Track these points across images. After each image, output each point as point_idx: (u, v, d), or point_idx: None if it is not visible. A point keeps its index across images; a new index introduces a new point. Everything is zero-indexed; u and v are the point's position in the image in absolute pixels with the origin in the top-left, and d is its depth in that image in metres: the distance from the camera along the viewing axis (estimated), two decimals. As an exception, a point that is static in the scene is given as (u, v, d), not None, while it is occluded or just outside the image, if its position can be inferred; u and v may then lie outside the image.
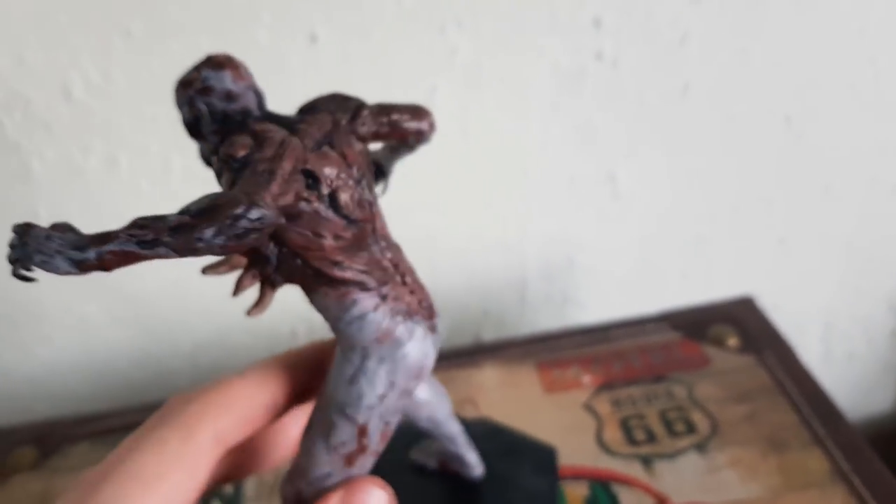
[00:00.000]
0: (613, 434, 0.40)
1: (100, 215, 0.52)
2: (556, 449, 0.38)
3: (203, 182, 0.52)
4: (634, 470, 0.38)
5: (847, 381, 0.72)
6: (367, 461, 0.26)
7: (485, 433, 0.36)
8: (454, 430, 0.32)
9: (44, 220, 0.50)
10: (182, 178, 0.51)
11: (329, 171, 0.23)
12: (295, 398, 0.27)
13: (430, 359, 0.26)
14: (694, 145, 0.56)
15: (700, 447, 0.38)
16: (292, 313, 0.58)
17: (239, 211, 0.20)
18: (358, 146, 0.24)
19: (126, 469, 0.23)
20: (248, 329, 0.58)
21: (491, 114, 0.52)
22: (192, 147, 0.50)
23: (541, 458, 0.36)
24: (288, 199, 0.22)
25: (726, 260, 0.62)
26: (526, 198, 0.56)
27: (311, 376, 0.28)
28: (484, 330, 0.62)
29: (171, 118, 0.48)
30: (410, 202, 0.44)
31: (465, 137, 0.52)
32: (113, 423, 0.46)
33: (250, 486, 0.40)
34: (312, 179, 0.23)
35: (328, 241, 0.24)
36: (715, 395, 0.41)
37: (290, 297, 0.57)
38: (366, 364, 0.26)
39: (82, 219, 0.51)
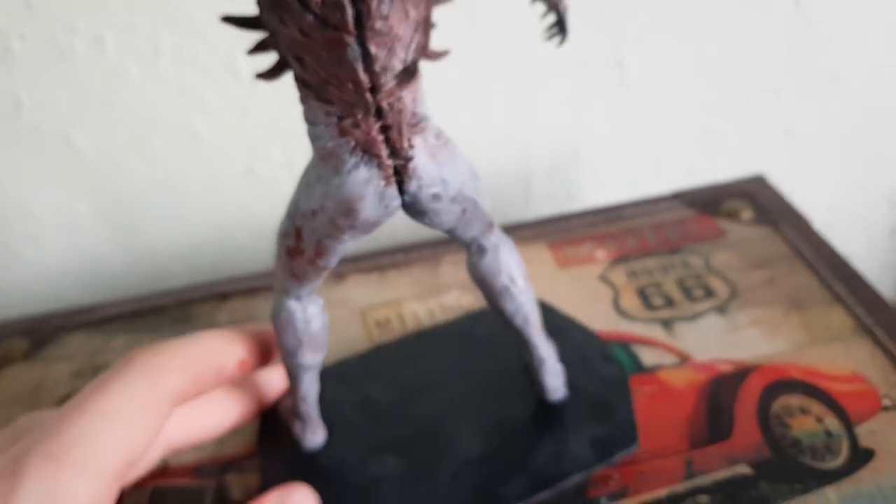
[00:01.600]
0: (631, 301, 0.39)
1: (86, 102, 0.49)
2: (575, 317, 0.38)
3: (192, 64, 0.49)
4: (654, 332, 0.37)
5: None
6: (306, 270, 0.27)
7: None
8: (536, 344, 0.31)
9: (26, 108, 0.48)
10: (171, 59, 0.48)
11: None
12: (250, 367, 0.30)
13: (369, 207, 0.24)
14: (703, 30, 0.54)
15: (720, 309, 0.38)
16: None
17: None
18: None
19: (95, 407, 0.24)
20: (247, 227, 0.56)
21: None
22: (182, 25, 0.48)
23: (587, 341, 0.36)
24: None
25: (732, 152, 0.61)
26: (532, 84, 0.54)
27: (268, 351, 0.31)
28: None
29: (160, -5, 0.46)
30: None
31: (471, 20, 0.50)
32: (108, 312, 0.45)
33: (259, 362, 0.39)
34: None
35: (292, 32, 0.22)
36: (732, 263, 0.41)
37: (287, 192, 0.55)
38: (310, 174, 0.25)
39: (68, 104, 0.48)
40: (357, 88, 0.23)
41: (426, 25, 0.24)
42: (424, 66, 0.24)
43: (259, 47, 0.24)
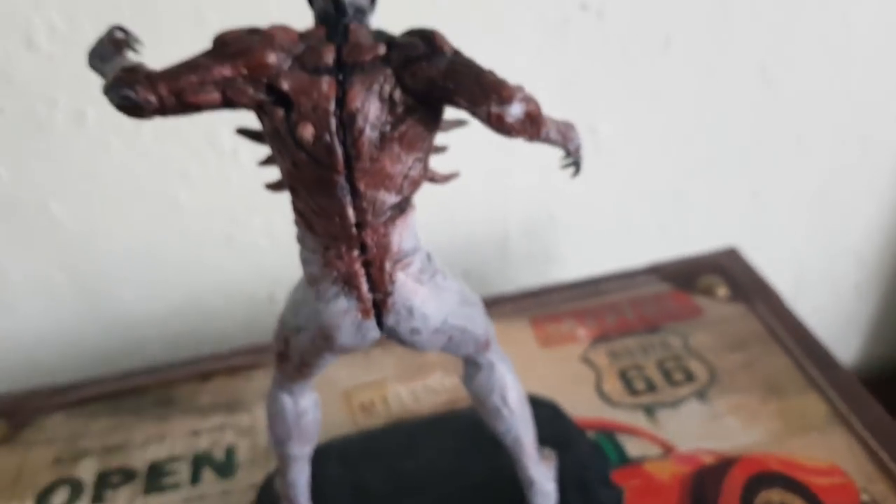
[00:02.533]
0: (613, 385, 0.40)
1: (65, 173, 0.49)
2: (558, 402, 0.38)
3: (174, 137, 0.49)
4: (638, 419, 0.38)
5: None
6: (293, 375, 0.28)
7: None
8: (526, 464, 0.31)
9: (4, 180, 0.47)
10: (154, 134, 0.48)
11: (299, 99, 0.22)
12: None
13: (345, 336, 0.25)
14: (673, 98, 0.55)
15: (700, 395, 0.39)
16: (270, 278, 0.56)
17: (123, 85, 0.22)
18: (387, 92, 0.23)
19: None
20: (225, 293, 0.56)
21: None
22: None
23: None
24: (210, 97, 0.22)
25: (702, 213, 0.62)
26: (508, 151, 0.55)
27: None
28: (465, 289, 0.61)
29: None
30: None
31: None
32: (88, 392, 0.44)
33: (243, 451, 0.39)
34: (277, 97, 0.22)
35: (287, 165, 0.23)
36: (710, 344, 0.42)
37: (267, 261, 0.55)
38: (298, 293, 0.27)
39: (47, 175, 0.48)
40: (343, 223, 0.24)
41: (425, 158, 0.24)
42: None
43: (269, 161, 0.25)
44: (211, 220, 0.53)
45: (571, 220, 0.60)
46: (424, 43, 0.22)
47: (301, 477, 0.32)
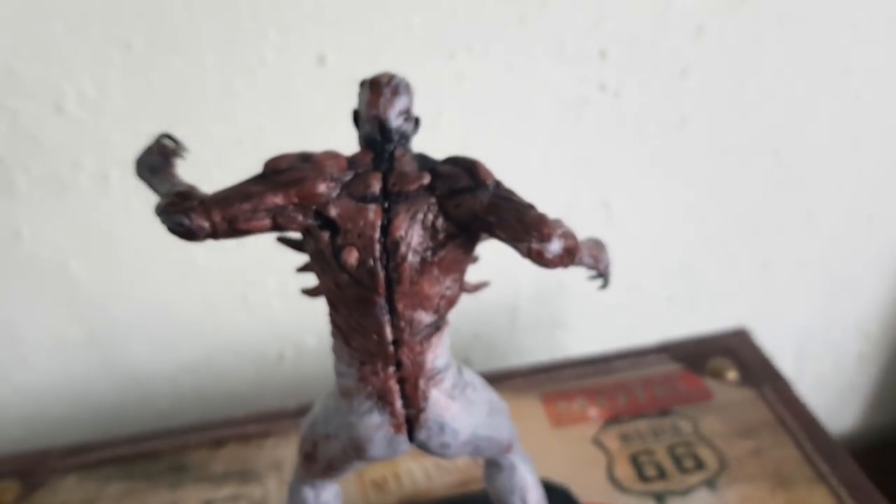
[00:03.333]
0: (624, 470, 0.40)
1: (87, 233, 0.49)
2: (570, 486, 0.39)
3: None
4: (648, 508, 0.38)
5: (814, 402, 0.74)
6: (318, 475, 0.29)
7: None
8: None
9: (25, 239, 0.48)
10: (176, 197, 0.49)
11: (345, 225, 0.23)
12: None
13: (377, 449, 0.26)
14: (687, 175, 0.57)
15: (710, 484, 0.39)
16: (280, 336, 0.56)
17: (177, 211, 0.23)
18: (430, 221, 0.23)
19: None
20: (235, 351, 0.57)
21: (493, 140, 0.52)
22: (186, 165, 0.49)
23: None
24: (261, 223, 0.23)
25: (711, 285, 0.63)
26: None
27: None
28: (473, 353, 0.62)
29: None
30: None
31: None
32: (103, 455, 0.44)
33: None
34: (324, 221, 0.23)
35: (328, 283, 0.24)
36: (720, 431, 0.42)
37: (278, 318, 0.56)
38: (329, 401, 0.27)
39: (69, 238, 0.49)
40: (380, 340, 0.24)
41: (461, 279, 0.25)
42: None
43: (307, 269, 0.26)
44: (226, 281, 0.54)
45: (580, 288, 0.61)
46: (468, 174, 0.23)
47: None
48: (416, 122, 0.25)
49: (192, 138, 0.47)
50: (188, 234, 0.23)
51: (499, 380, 0.47)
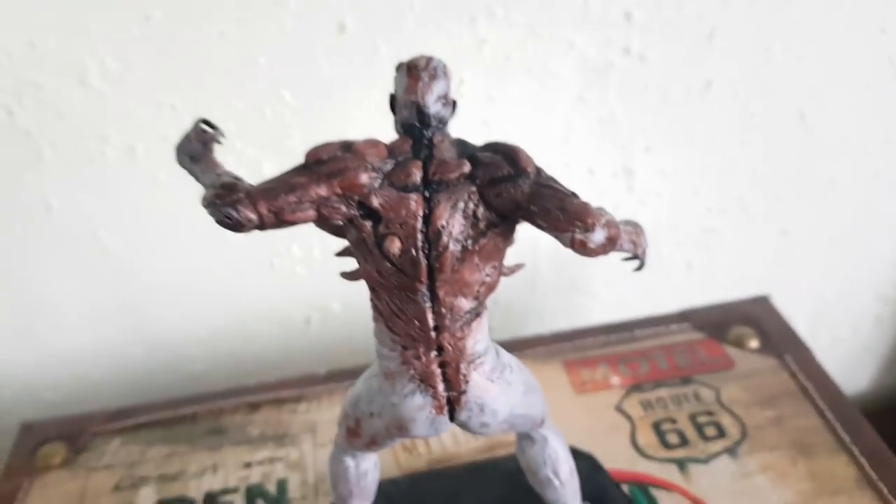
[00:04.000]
0: (647, 437, 0.41)
1: (116, 205, 0.50)
2: (595, 452, 0.40)
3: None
4: (671, 474, 0.39)
5: (829, 365, 0.75)
6: (361, 448, 0.30)
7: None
8: (553, 502, 0.32)
9: (55, 211, 0.48)
10: (201, 168, 0.50)
11: (388, 215, 0.23)
12: None
13: (420, 428, 0.27)
14: (711, 140, 0.56)
15: (731, 452, 0.40)
16: (307, 302, 0.57)
17: (225, 204, 0.23)
18: (471, 210, 0.24)
19: None
20: (263, 317, 0.58)
21: (515, 106, 0.51)
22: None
23: None
24: (306, 214, 0.23)
25: (730, 250, 0.63)
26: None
27: None
28: (492, 318, 0.62)
29: (191, 106, 0.47)
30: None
31: (487, 128, 0.52)
32: (143, 419, 0.46)
33: (294, 486, 0.41)
34: (367, 211, 0.23)
35: (370, 270, 0.24)
36: (741, 399, 0.43)
37: (305, 285, 0.56)
38: (372, 381, 0.28)
39: (97, 209, 0.49)
40: (422, 326, 0.25)
41: (500, 265, 0.25)
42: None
43: (346, 253, 0.26)
44: (252, 249, 0.54)
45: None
46: (508, 162, 0.23)
47: None
48: (454, 105, 0.25)
49: (214, 110, 0.48)
50: (236, 225, 0.23)
51: (521, 347, 0.48)
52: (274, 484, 0.41)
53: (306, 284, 0.56)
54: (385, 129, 0.50)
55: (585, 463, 0.38)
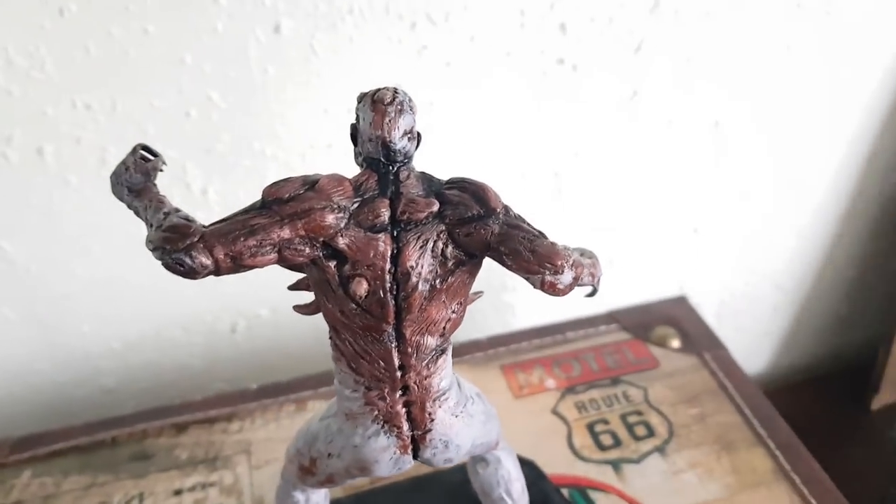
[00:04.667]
0: (583, 440, 0.43)
1: (19, 210, 0.47)
2: (535, 461, 0.41)
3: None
4: (607, 475, 0.41)
5: (732, 348, 0.80)
6: (314, 485, 0.29)
7: None
8: None
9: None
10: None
11: (355, 256, 0.23)
12: None
13: (382, 468, 0.26)
14: (634, 146, 0.58)
15: (661, 450, 0.42)
16: (232, 309, 0.56)
17: (177, 250, 0.21)
18: (440, 249, 0.24)
19: None
20: (184, 325, 0.55)
21: (453, 111, 0.51)
22: (131, 138, 0.47)
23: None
24: (267, 258, 0.22)
25: (647, 248, 0.66)
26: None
27: None
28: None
29: (107, 106, 0.44)
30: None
31: (426, 133, 0.51)
32: (56, 446, 0.43)
33: None
34: (332, 252, 0.23)
35: (332, 310, 0.24)
36: (667, 398, 0.45)
37: (231, 291, 0.55)
38: (330, 421, 0.27)
39: (2, 212, 0.46)
40: (388, 366, 0.24)
41: (465, 302, 0.26)
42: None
43: (300, 286, 0.25)
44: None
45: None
46: (477, 202, 0.23)
47: None
48: (419, 139, 0.25)
49: (134, 111, 0.45)
50: (189, 273, 0.22)
51: (459, 353, 0.48)
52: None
53: (232, 290, 0.54)
54: (321, 134, 0.49)
55: (529, 471, 0.39)
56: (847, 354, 0.82)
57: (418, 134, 0.25)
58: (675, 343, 0.49)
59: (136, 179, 0.24)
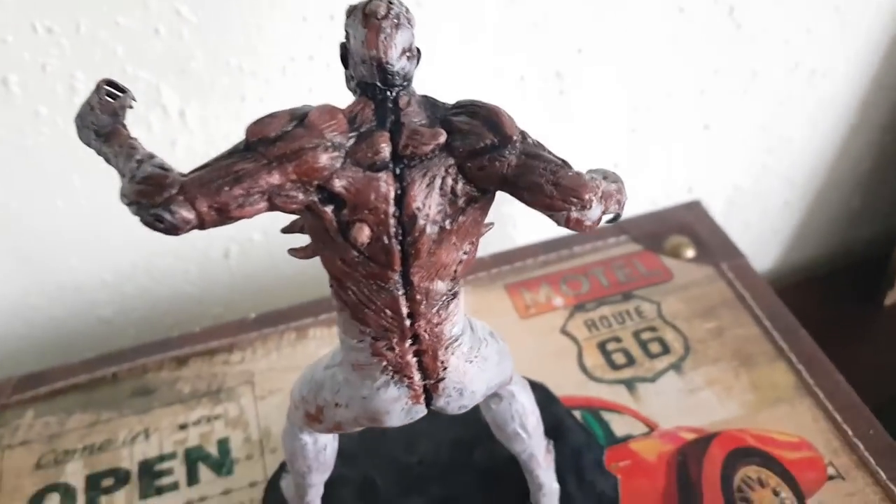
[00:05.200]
0: (594, 359, 0.41)
1: (-9, 144, 0.44)
2: (546, 380, 0.40)
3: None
4: (620, 395, 0.40)
5: (740, 245, 0.78)
6: (322, 428, 0.27)
7: None
8: (536, 473, 0.31)
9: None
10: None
11: (353, 200, 0.20)
12: None
13: (394, 419, 0.25)
14: (641, 39, 0.54)
15: (677, 367, 0.41)
16: (225, 234, 0.53)
17: (155, 204, 0.19)
18: (449, 186, 0.21)
19: None
20: (176, 254, 0.53)
21: (440, 16, 0.47)
22: (99, 62, 0.43)
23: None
24: (255, 208, 0.20)
25: (655, 147, 0.63)
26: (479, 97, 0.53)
27: None
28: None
29: (70, 28, 0.40)
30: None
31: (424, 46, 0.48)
32: (57, 384, 0.42)
33: (237, 445, 0.39)
34: (328, 195, 0.20)
35: (332, 258, 0.22)
36: (682, 312, 0.44)
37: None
38: (336, 371, 0.25)
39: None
40: (395, 315, 0.22)
41: (477, 240, 0.23)
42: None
43: (295, 228, 0.23)
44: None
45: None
46: (490, 129, 0.20)
47: (317, 497, 0.32)
48: (419, 55, 0.22)
49: (98, 29, 0.41)
50: (170, 229, 0.19)
51: (463, 274, 0.46)
52: (214, 445, 0.39)
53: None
54: (301, 45, 0.45)
55: (540, 394, 0.38)
56: (859, 249, 0.80)
57: (418, 50, 0.22)
58: (690, 253, 0.47)
59: (102, 121, 0.21)
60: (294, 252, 0.24)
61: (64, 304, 0.53)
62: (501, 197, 0.62)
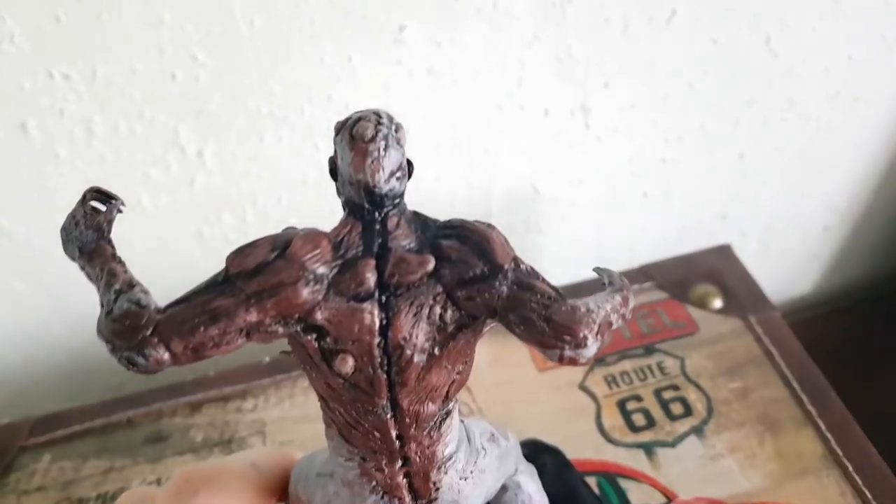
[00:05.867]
0: (613, 420, 0.40)
1: (14, 185, 0.44)
2: (560, 441, 0.38)
3: (130, 142, 0.44)
4: (639, 461, 0.38)
5: (777, 271, 0.75)
6: None
7: None
8: None
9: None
10: (106, 139, 0.43)
11: (336, 332, 0.19)
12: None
13: None
14: (672, 70, 0.52)
15: (698, 431, 0.39)
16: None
17: (129, 347, 0.18)
18: (437, 314, 0.20)
19: None
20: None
21: (464, 51, 0.46)
22: (116, 105, 0.43)
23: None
24: (233, 346, 0.19)
25: (687, 178, 0.61)
26: (498, 133, 0.51)
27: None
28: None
29: (87, 74, 0.40)
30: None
31: (433, 77, 0.46)
32: (74, 427, 0.42)
33: None
34: (310, 325, 0.19)
35: (318, 382, 0.21)
36: (706, 369, 0.42)
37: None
38: (328, 481, 0.24)
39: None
40: (384, 438, 0.21)
41: (471, 357, 0.22)
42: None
43: (292, 351, 0.22)
44: (177, 219, 0.49)
45: (555, 193, 0.58)
46: (480, 256, 0.19)
47: None
48: (410, 169, 0.20)
49: (115, 77, 0.41)
50: (144, 371, 0.19)
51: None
52: None
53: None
54: (318, 86, 0.44)
55: (553, 460, 0.37)
56: (902, 276, 0.77)
57: (409, 164, 0.20)
58: (717, 303, 0.45)
59: (86, 237, 0.20)
60: (286, 354, 0.23)
61: (84, 332, 0.53)
62: (526, 227, 0.59)
